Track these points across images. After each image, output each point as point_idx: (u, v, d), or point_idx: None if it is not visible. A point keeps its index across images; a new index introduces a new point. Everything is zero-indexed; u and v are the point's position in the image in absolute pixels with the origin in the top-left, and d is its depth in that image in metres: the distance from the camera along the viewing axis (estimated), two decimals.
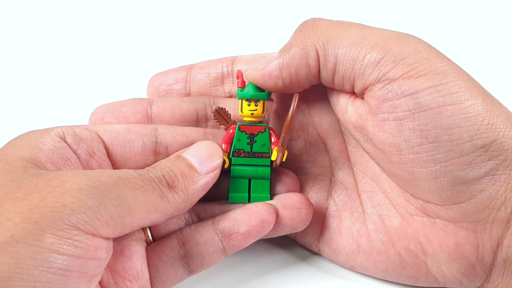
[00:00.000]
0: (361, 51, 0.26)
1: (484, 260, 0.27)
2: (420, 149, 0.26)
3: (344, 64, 0.27)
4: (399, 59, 0.26)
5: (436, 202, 0.27)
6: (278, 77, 0.28)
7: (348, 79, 0.27)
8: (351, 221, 0.31)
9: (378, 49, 0.26)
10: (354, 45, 0.27)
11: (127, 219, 0.23)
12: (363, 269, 0.30)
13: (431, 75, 0.25)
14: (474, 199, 0.26)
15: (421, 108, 0.25)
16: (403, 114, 0.26)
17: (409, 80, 0.25)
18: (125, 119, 0.31)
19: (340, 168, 0.32)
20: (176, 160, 0.27)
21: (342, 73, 0.27)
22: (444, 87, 0.25)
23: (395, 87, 0.26)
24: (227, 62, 0.33)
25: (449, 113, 0.25)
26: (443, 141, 0.25)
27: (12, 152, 0.25)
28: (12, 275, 0.20)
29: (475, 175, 0.25)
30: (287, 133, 0.29)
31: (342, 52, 0.27)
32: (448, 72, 0.26)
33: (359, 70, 0.26)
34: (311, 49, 0.27)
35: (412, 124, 0.26)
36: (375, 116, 0.27)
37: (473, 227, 0.27)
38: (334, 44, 0.27)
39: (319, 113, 0.31)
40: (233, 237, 0.28)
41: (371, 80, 0.26)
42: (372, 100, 0.27)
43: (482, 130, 0.25)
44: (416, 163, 0.26)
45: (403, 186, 0.28)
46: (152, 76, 0.34)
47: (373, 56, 0.26)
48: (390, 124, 0.26)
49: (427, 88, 0.25)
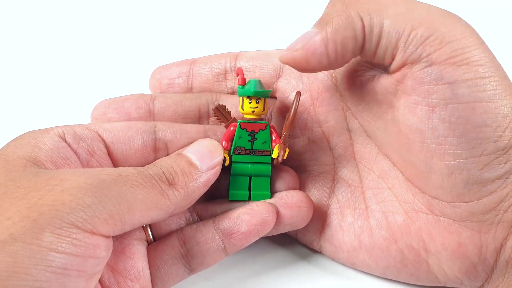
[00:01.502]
0: (408, 25, 0.25)
1: (487, 260, 0.27)
2: (444, 141, 0.25)
3: (389, 36, 0.25)
4: (445, 42, 0.25)
5: (445, 198, 0.27)
6: (322, 54, 0.26)
7: (390, 52, 0.26)
8: (354, 218, 0.30)
9: (425, 27, 0.25)
10: (400, 16, 0.25)
11: (127, 216, 0.23)
12: (364, 266, 0.30)
13: (474, 66, 0.25)
14: (483, 199, 0.26)
15: (457, 100, 0.25)
16: (437, 101, 0.25)
17: (451, 67, 0.25)
18: (127, 114, 0.31)
19: (344, 166, 0.32)
20: (177, 158, 0.27)
21: (385, 46, 0.26)
22: (484, 82, 0.24)
23: (435, 71, 0.25)
24: (230, 58, 0.33)
25: (482, 110, 0.24)
26: (469, 138, 0.25)
27: (12, 151, 0.25)
28: (11, 274, 0.20)
29: (490, 176, 0.25)
30: (289, 130, 0.29)
31: (388, 24, 0.25)
32: (489, 65, 0.25)
33: (403, 44, 0.25)
34: (356, 19, 0.25)
35: (443, 114, 0.25)
36: (408, 97, 0.26)
37: (477, 227, 0.26)
38: (379, 13, 0.25)
39: (325, 110, 0.31)
40: (233, 237, 0.28)
41: (413, 57, 0.25)
42: (409, 80, 0.26)
43: (507, 133, 0.25)
44: (436, 154, 0.26)
45: (414, 178, 0.28)
46: (154, 69, 0.34)
47: (419, 33, 0.25)
48: (422, 109, 0.26)
49: (467, 80, 0.24)
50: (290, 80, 0.32)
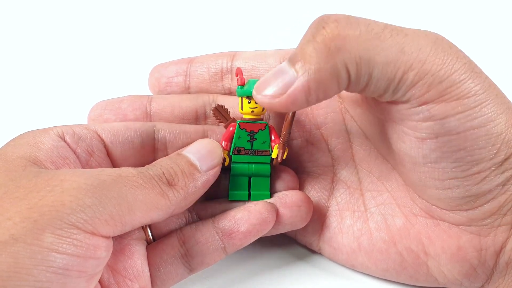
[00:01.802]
0: (398, 71, 0.24)
1: (486, 263, 0.27)
2: (437, 165, 0.25)
3: (377, 83, 0.24)
4: (435, 83, 0.24)
5: (443, 207, 0.27)
6: (302, 101, 0.24)
7: (377, 94, 0.25)
8: (353, 220, 0.30)
9: (415, 71, 0.24)
10: (390, 64, 0.24)
11: (127, 217, 0.23)
12: (364, 268, 0.30)
13: (463, 100, 0.24)
14: (482, 207, 0.26)
15: (448, 133, 0.24)
16: (426, 135, 0.25)
17: (441, 104, 0.24)
18: (124, 115, 0.31)
19: (343, 168, 0.32)
20: (176, 158, 0.27)
21: (373, 90, 0.25)
22: (474, 111, 0.24)
23: (424, 110, 0.24)
24: (227, 58, 0.33)
25: (474, 136, 0.24)
26: (464, 162, 0.25)
27: (12, 151, 0.25)
28: (12, 275, 0.20)
29: (488, 188, 0.25)
30: (288, 130, 0.29)
31: (377, 72, 0.24)
32: (479, 93, 0.24)
33: (393, 89, 0.24)
34: (341, 69, 0.23)
35: (434, 145, 0.25)
36: (396, 126, 0.26)
37: (477, 231, 0.27)
38: (368, 61, 0.23)
39: (323, 112, 0.31)
40: (233, 236, 0.28)
41: (402, 99, 0.25)
42: (397, 115, 0.25)
43: (502, 148, 0.25)
44: (430, 174, 0.26)
45: (411, 186, 0.28)
46: (153, 67, 0.34)
47: (409, 78, 0.24)
48: (411, 140, 0.25)
49: (457, 114, 0.24)
50: None
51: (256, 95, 0.25)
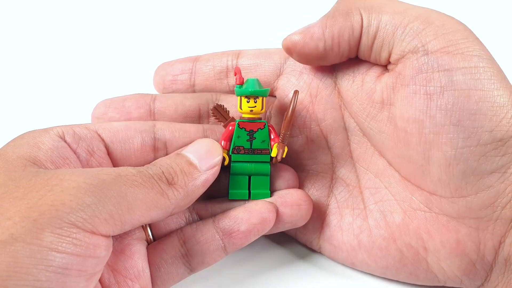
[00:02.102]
0: (404, 19, 0.27)
1: (485, 258, 0.27)
2: (441, 130, 0.26)
3: (386, 29, 0.27)
4: (440, 33, 0.26)
5: (443, 193, 0.27)
6: (320, 38, 0.28)
7: (387, 46, 0.27)
8: (352, 218, 0.30)
9: (421, 20, 0.27)
10: (397, 13, 0.27)
11: (127, 216, 0.23)
12: (364, 266, 0.30)
13: (468, 56, 0.26)
14: (481, 193, 0.26)
15: (453, 87, 0.25)
16: (434, 89, 0.26)
17: (447, 55, 0.26)
18: (128, 114, 0.31)
19: (342, 165, 0.32)
20: (176, 157, 0.27)
21: (382, 39, 0.27)
22: (478, 70, 0.25)
23: (432, 60, 0.26)
24: (232, 56, 0.33)
25: (477, 98, 0.25)
26: (464, 126, 0.25)
27: (11, 151, 0.25)
28: (11, 274, 0.20)
29: (487, 168, 0.25)
30: (287, 129, 0.29)
31: (386, 18, 0.27)
32: (484, 57, 0.26)
33: (400, 36, 0.27)
34: (355, 12, 0.28)
35: (440, 101, 0.26)
36: (406, 88, 0.27)
37: (475, 224, 0.26)
38: (378, 9, 0.27)
39: (323, 108, 0.31)
40: (233, 236, 0.28)
41: (410, 48, 0.27)
42: (408, 70, 0.27)
43: (504, 123, 0.25)
44: (434, 145, 0.26)
45: (411, 175, 0.28)
46: (158, 65, 0.34)
47: (415, 25, 0.26)
48: (420, 98, 0.26)
49: (462, 68, 0.25)
50: (291, 78, 0.32)
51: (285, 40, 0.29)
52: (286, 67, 0.32)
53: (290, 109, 0.28)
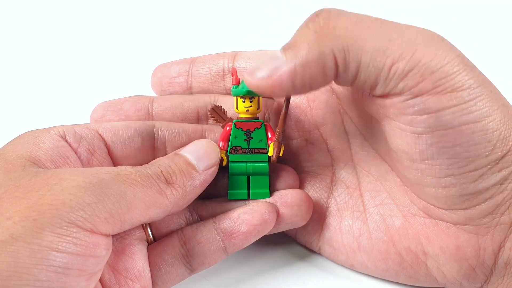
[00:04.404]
0: (388, 60, 0.24)
1: (485, 263, 0.27)
2: (434, 162, 0.25)
3: (367, 72, 0.24)
4: (428, 73, 0.24)
5: (440, 206, 0.27)
6: (289, 86, 0.24)
7: (369, 85, 0.25)
8: (352, 220, 0.30)
9: (406, 60, 0.24)
10: (379, 52, 0.24)
11: (126, 215, 0.23)
12: (363, 268, 0.30)
13: (458, 92, 0.24)
14: (479, 206, 0.26)
15: (443, 127, 0.24)
16: (422, 130, 0.25)
17: (435, 96, 0.24)
18: (126, 116, 0.31)
19: (342, 168, 0.32)
20: (174, 157, 0.27)
21: (363, 80, 0.25)
22: (469, 104, 0.24)
23: (418, 103, 0.24)
24: (229, 58, 0.33)
25: (470, 131, 0.24)
26: (460, 158, 0.25)
27: (11, 151, 0.25)
28: (12, 274, 0.20)
29: (485, 186, 0.25)
30: (281, 127, 0.29)
31: (366, 60, 0.24)
32: (474, 86, 0.24)
33: (384, 81, 0.24)
34: (328, 56, 0.24)
35: (430, 140, 0.25)
36: (392, 121, 0.26)
37: (475, 230, 0.26)
38: (356, 49, 0.24)
39: (322, 113, 0.31)
40: (234, 236, 0.28)
41: (395, 91, 0.24)
42: (392, 109, 0.25)
43: (498, 145, 0.24)
44: (427, 172, 0.26)
45: (409, 186, 0.28)
46: (156, 67, 0.34)
47: (401, 67, 0.24)
48: (407, 135, 0.25)
49: (452, 107, 0.24)
50: None
51: (246, 77, 0.25)
52: None
53: (284, 107, 0.29)
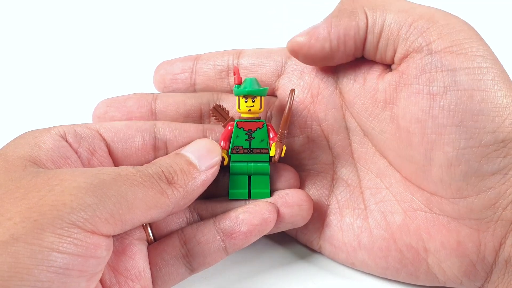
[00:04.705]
0: (409, 18, 0.27)
1: (485, 259, 0.27)
2: (443, 130, 0.26)
3: (391, 27, 0.27)
4: (444, 33, 0.26)
5: (444, 194, 0.27)
6: (325, 39, 0.28)
7: (392, 44, 0.27)
8: (353, 218, 0.30)
9: (425, 19, 0.27)
10: (402, 12, 0.27)
11: (127, 215, 0.23)
12: (364, 266, 0.30)
13: (472, 56, 0.26)
14: (481, 194, 0.26)
15: (456, 87, 0.25)
16: (437, 89, 0.26)
17: (451, 55, 0.26)
18: (129, 113, 0.31)
19: (343, 165, 0.32)
20: (175, 157, 0.27)
21: (387, 37, 0.27)
22: (482, 71, 0.25)
23: (436, 59, 0.26)
24: (233, 55, 0.33)
25: (480, 99, 0.25)
26: (467, 126, 0.25)
27: (12, 151, 0.25)
28: (13, 275, 0.20)
29: (488, 170, 0.25)
30: (284, 128, 0.29)
31: (390, 17, 0.27)
32: (487, 57, 0.26)
33: (404, 35, 0.27)
34: (360, 11, 0.28)
35: (443, 101, 0.26)
36: (410, 87, 0.27)
37: (476, 225, 0.26)
38: (383, 8, 0.27)
39: (324, 108, 0.31)
40: (234, 236, 0.28)
41: (414, 47, 0.27)
42: (411, 69, 0.27)
43: (506, 124, 0.25)
44: (436, 145, 0.26)
45: (413, 175, 0.28)
46: (158, 64, 0.34)
47: (420, 24, 0.27)
48: (423, 98, 0.26)
49: (466, 68, 0.25)
50: (292, 78, 0.32)
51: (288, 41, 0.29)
52: (288, 66, 0.32)
53: (287, 108, 0.29)
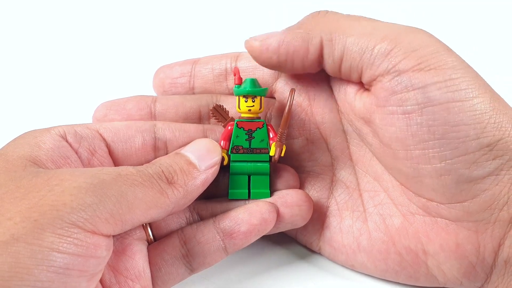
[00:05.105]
0: (371, 41, 0.26)
1: (485, 260, 0.27)
2: (426, 145, 0.26)
3: (352, 53, 0.27)
4: (409, 51, 0.26)
5: (439, 200, 0.27)
6: (274, 51, 0.28)
7: (355, 69, 0.27)
8: (352, 220, 0.30)
9: (388, 41, 0.26)
10: (364, 35, 0.26)
11: (127, 215, 0.23)
12: (363, 268, 0.30)
13: (441, 70, 0.25)
14: (477, 198, 0.26)
15: (430, 103, 0.25)
16: (411, 108, 0.25)
17: (419, 73, 0.25)
18: (129, 116, 0.31)
19: (342, 167, 0.32)
20: (175, 157, 0.27)
21: (349, 63, 0.27)
22: (454, 82, 0.25)
23: (404, 80, 0.25)
24: (231, 58, 0.33)
25: (457, 110, 0.25)
26: (449, 138, 0.25)
27: (12, 151, 0.25)
28: (13, 275, 0.20)
29: (479, 174, 0.25)
30: (284, 128, 0.29)
31: (351, 41, 0.27)
32: (458, 68, 0.25)
33: (368, 60, 0.26)
34: (315, 36, 0.27)
35: (420, 118, 0.25)
36: (383, 109, 0.27)
37: (474, 227, 0.26)
38: (343, 32, 0.27)
39: (321, 111, 0.31)
40: (234, 236, 0.28)
41: (380, 71, 0.26)
42: (381, 92, 0.26)
43: (489, 129, 0.25)
44: (422, 159, 0.26)
45: (406, 183, 0.28)
46: (158, 68, 0.34)
47: (383, 47, 0.26)
48: (398, 118, 0.26)
49: (436, 83, 0.25)
50: (289, 81, 0.32)
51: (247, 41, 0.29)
52: None
53: (287, 107, 0.29)
